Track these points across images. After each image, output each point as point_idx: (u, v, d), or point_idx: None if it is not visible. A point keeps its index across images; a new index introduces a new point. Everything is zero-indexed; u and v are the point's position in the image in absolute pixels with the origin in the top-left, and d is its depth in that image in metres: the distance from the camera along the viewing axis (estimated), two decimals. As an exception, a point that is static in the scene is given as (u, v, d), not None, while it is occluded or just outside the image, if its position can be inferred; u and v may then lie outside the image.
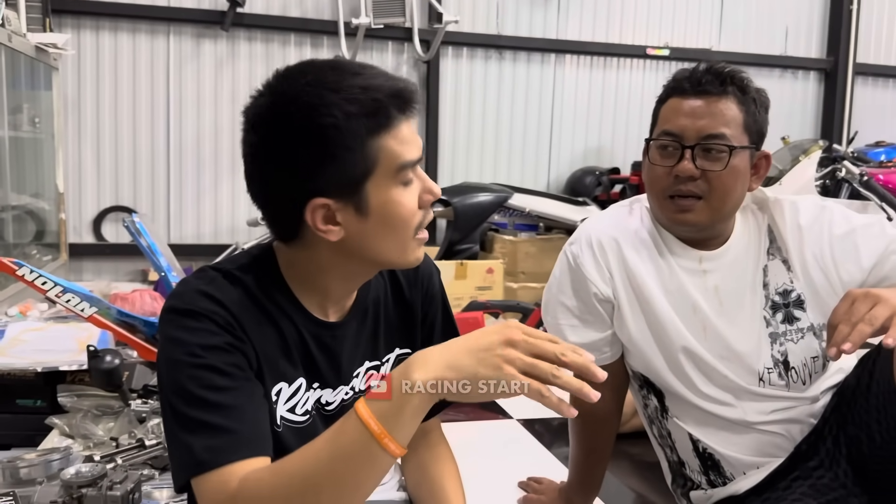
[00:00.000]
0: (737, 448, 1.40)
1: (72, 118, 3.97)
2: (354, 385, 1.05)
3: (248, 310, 0.92)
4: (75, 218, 4.03)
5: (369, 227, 0.93)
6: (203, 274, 0.95)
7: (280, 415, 0.95)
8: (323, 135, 0.87)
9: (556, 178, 4.76)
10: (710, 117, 1.29)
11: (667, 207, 1.35)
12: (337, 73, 0.89)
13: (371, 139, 0.88)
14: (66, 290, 2.08)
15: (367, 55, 4.36)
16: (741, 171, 1.32)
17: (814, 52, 5.24)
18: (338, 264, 0.97)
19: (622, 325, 1.41)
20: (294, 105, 0.88)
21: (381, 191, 0.91)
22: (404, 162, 0.91)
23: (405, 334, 1.11)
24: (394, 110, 0.89)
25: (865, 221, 1.37)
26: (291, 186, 0.90)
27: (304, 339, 0.98)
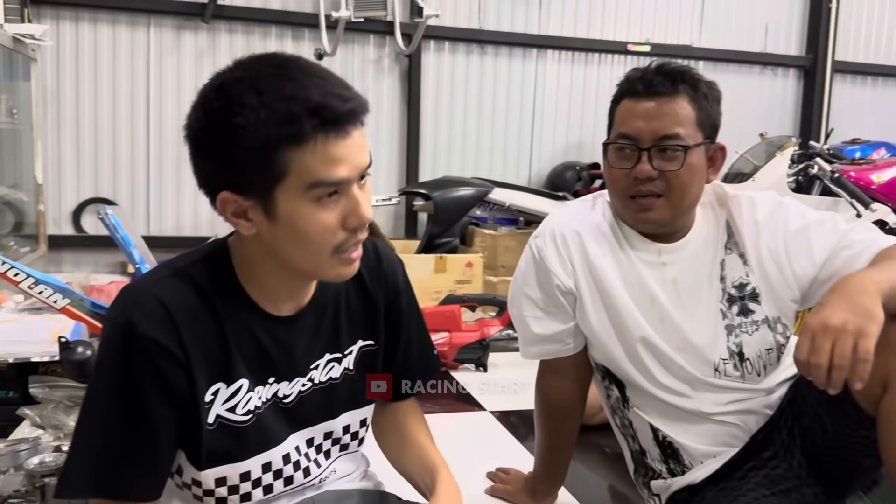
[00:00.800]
0: (694, 438, 1.43)
1: (51, 109, 3.95)
2: (313, 377, 1.06)
3: (192, 312, 0.94)
4: (54, 209, 4.01)
5: (278, 232, 0.92)
6: (154, 273, 0.97)
7: (217, 413, 0.97)
8: (230, 133, 0.87)
9: (537, 173, 4.78)
10: (663, 118, 1.32)
11: (629, 207, 1.39)
12: (274, 74, 0.88)
13: (280, 149, 0.87)
14: (38, 282, 2.08)
15: (348, 49, 4.36)
16: (698, 168, 1.35)
17: (793, 50, 5.28)
18: (268, 262, 0.97)
19: (584, 316, 1.45)
20: (216, 94, 0.89)
21: (289, 201, 0.90)
22: (318, 180, 0.88)
23: (368, 327, 1.12)
24: (308, 126, 0.86)
25: (819, 217, 1.40)
26: (205, 175, 0.93)
27: (255, 336, 0.99)
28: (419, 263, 3.44)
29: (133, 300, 0.92)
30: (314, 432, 1.08)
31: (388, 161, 4.51)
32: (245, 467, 1.00)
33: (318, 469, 1.10)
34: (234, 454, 0.99)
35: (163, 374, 0.91)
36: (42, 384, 1.95)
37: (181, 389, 0.93)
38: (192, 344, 0.93)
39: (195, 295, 0.95)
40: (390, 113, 4.50)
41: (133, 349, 0.90)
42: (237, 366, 0.97)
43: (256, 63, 0.91)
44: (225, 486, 1.00)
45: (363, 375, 1.13)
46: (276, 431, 1.03)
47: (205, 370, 0.95)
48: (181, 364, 0.92)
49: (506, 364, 2.92)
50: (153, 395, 0.91)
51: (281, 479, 1.05)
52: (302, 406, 1.05)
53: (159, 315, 0.91)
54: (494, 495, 1.77)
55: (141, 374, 0.90)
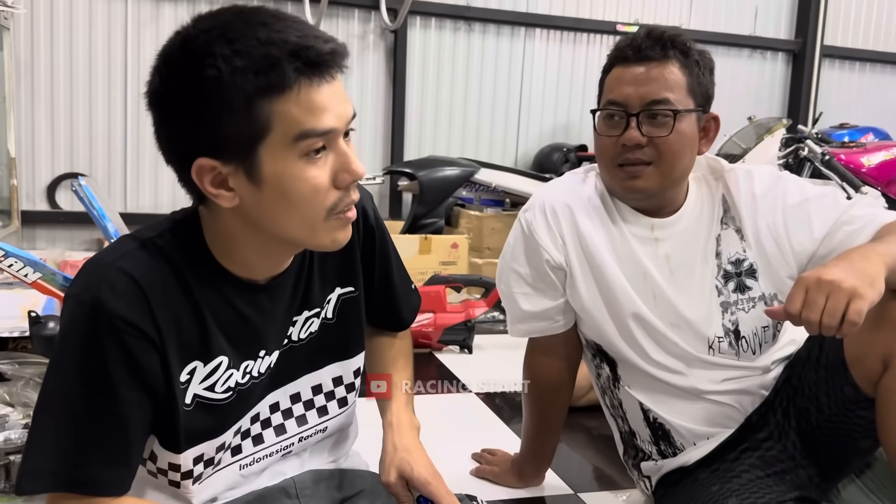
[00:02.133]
0: (687, 418, 1.40)
1: (24, 80, 3.84)
2: (292, 334, 1.01)
3: (165, 287, 0.86)
4: (28, 184, 3.91)
5: (265, 199, 0.84)
6: (119, 245, 0.88)
7: (194, 393, 0.90)
8: (202, 88, 0.78)
9: (523, 154, 4.74)
10: (653, 83, 1.28)
11: (616, 176, 1.34)
12: (242, 21, 0.80)
13: (260, 100, 0.79)
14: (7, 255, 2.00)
15: (332, 23, 4.27)
16: (688, 135, 1.30)
17: (782, 34, 5.26)
18: (249, 235, 0.89)
19: (574, 291, 1.40)
20: (181, 50, 0.80)
21: (276, 160, 0.82)
22: (305, 130, 0.81)
23: (345, 273, 1.07)
24: (291, 70, 0.79)
25: (819, 192, 1.36)
26: (176, 142, 0.83)
27: (237, 309, 0.92)
28: (404, 244, 3.38)
29: (100, 275, 0.83)
30: (298, 387, 1.04)
31: (372, 139, 4.44)
32: (222, 439, 0.95)
33: (300, 426, 1.05)
34: (214, 430, 0.94)
35: (133, 355, 0.83)
36: (11, 360, 1.89)
37: (153, 371, 0.86)
38: (165, 321, 0.86)
39: (167, 268, 0.87)
40: (375, 90, 4.43)
41: (101, 328, 0.82)
42: (216, 342, 0.91)
43: (219, 14, 0.82)
44: (202, 462, 0.95)
45: (347, 324, 1.07)
46: (254, 397, 0.98)
47: (178, 349, 0.88)
48: (154, 343, 0.85)
49: (491, 346, 2.88)
50: (123, 378, 0.83)
51: (249, 438, 1.00)
52: (280, 365, 1.00)
53: (129, 291, 0.83)
54: (480, 477, 1.74)
55: (109, 356, 0.82)
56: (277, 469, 1.06)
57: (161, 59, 0.82)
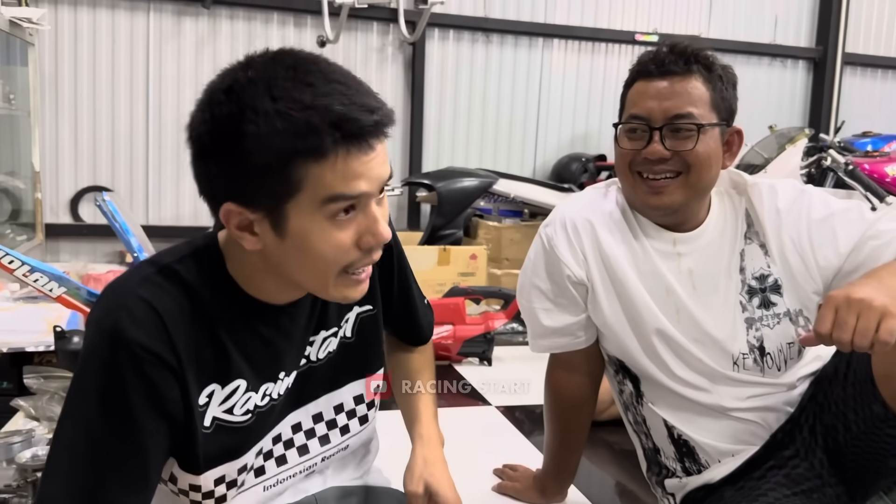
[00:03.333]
0: (712, 435, 1.38)
1: (49, 95, 3.89)
2: (309, 354, 1.01)
3: (183, 313, 0.86)
4: (52, 197, 3.96)
5: (286, 249, 0.85)
6: (139, 271, 0.89)
7: (213, 416, 0.91)
8: (240, 141, 0.78)
9: (542, 165, 4.73)
10: (676, 97, 1.28)
11: (639, 188, 1.33)
12: (291, 78, 0.79)
13: (295, 163, 0.79)
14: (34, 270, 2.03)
15: (351, 36, 4.29)
16: (713, 149, 1.30)
17: (803, 41, 5.21)
18: (270, 273, 0.90)
19: (596, 307, 1.40)
20: (226, 96, 0.80)
21: (302, 218, 0.82)
22: (335, 194, 0.81)
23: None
24: (329, 142, 0.78)
25: (844, 206, 1.35)
26: (209, 181, 0.84)
27: (256, 331, 0.93)
28: (422, 255, 3.38)
29: (119, 302, 0.84)
30: (319, 406, 1.04)
31: (391, 151, 4.38)
32: (243, 461, 0.96)
33: (323, 446, 1.05)
34: (234, 452, 0.94)
35: (152, 382, 0.84)
36: (37, 374, 1.91)
37: (172, 398, 0.86)
38: (184, 347, 0.86)
39: (185, 293, 0.87)
40: (393, 102, 4.43)
41: (120, 356, 0.82)
42: (234, 366, 0.91)
43: (272, 63, 0.81)
44: (223, 484, 0.95)
45: (366, 342, 1.08)
46: (273, 419, 0.99)
47: (197, 373, 0.88)
48: (172, 370, 0.85)
49: (511, 358, 2.87)
50: (142, 405, 0.83)
51: (272, 459, 1.00)
52: (299, 385, 1.01)
53: (148, 318, 0.83)
54: (502, 493, 1.73)
55: (129, 384, 0.82)
56: (300, 486, 1.06)
57: (207, 99, 0.82)
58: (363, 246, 0.86)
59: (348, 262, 0.86)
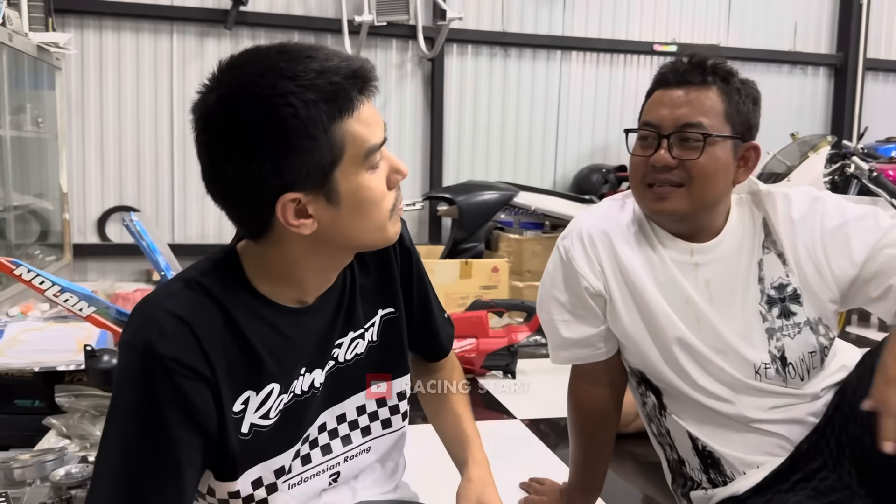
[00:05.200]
0: (736, 447, 1.37)
1: (75, 118, 3.97)
2: (337, 355, 1.04)
3: (212, 323, 0.88)
4: (79, 218, 4.03)
5: (342, 216, 0.90)
6: (164, 287, 0.91)
7: (251, 422, 0.93)
8: (283, 126, 0.82)
9: (562, 176, 4.73)
10: (687, 106, 1.28)
11: (645, 196, 1.34)
12: (288, 58, 0.84)
13: (334, 125, 0.84)
14: (64, 290, 2.07)
15: (370, 53, 4.33)
16: (721, 161, 1.29)
17: (823, 48, 5.18)
18: (313, 255, 0.94)
19: (616, 319, 1.40)
20: (244, 97, 0.82)
21: (349, 178, 0.88)
22: (371, 146, 0.88)
23: (386, 294, 1.10)
24: (354, 92, 0.85)
25: (859, 213, 1.33)
26: (256, 184, 0.85)
27: (281, 331, 0.95)
28: (444, 269, 3.40)
29: (148, 319, 0.86)
30: (344, 408, 1.07)
31: (411, 166, 4.48)
32: (280, 461, 0.98)
33: (345, 446, 1.07)
34: (269, 452, 0.96)
35: (186, 395, 0.85)
36: (68, 393, 1.94)
37: (207, 410, 0.88)
38: (216, 356, 0.88)
39: (211, 303, 0.89)
40: (413, 117, 4.48)
41: (154, 371, 0.84)
42: (266, 370, 0.94)
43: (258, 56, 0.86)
44: (262, 487, 0.97)
45: (390, 345, 1.11)
46: (307, 419, 1.01)
47: (230, 382, 0.90)
48: (206, 380, 0.87)
49: (534, 370, 2.87)
50: (177, 419, 0.85)
51: (298, 458, 1.02)
52: (329, 386, 1.03)
53: (178, 331, 0.85)
54: (528, 507, 1.72)
55: (163, 399, 0.84)
56: (328, 500, 1.07)
57: (206, 115, 0.85)
58: (392, 185, 0.93)
59: (391, 203, 0.93)
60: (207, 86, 0.86)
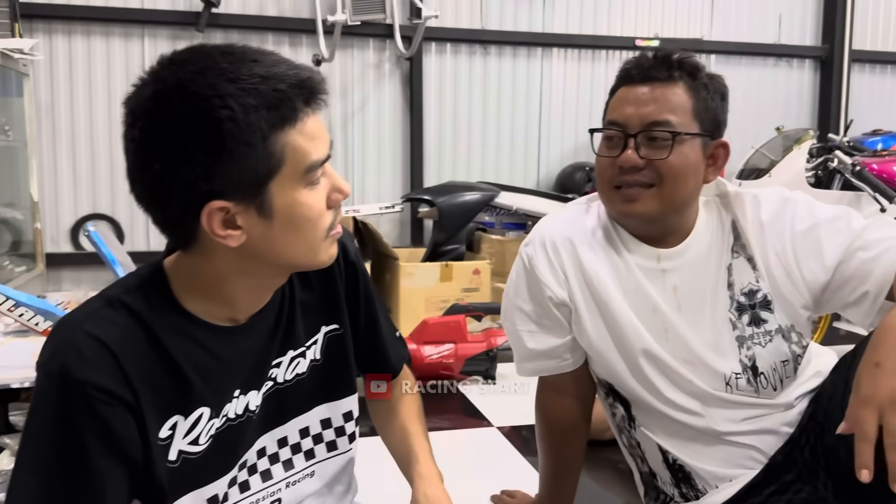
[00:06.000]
0: (707, 460, 1.32)
1: (45, 125, 3.89)
2: (276, 376, 0.99)
3: (135, 345, 0.83)
4: (52, 227, 3.95)
5: (274, 231, 0.85)
6: (85, 306, 0.86)
7: (179, 449, 0.88)
8: (218, 129, 0.77)
9: (545, 175, 4.67)
10: (653, 104, 1.22)
11: (614, 199, 1.28)
12: (232, 59, 0.80)
13: (274, 135, 0.80)
14: (18, 304, 2.01)
15: (347, 54, 4.26)
16: (691, 160, 1.23)
17: (808, 40, 5.12)
18: (242, 271, 0.88)
19: (581, 329, 1.34)
20: (179, 94, 0.78)
21: (286, 192, 0.83)
22: (313, 161, 0.84)
23: (329, 310, 1.06)
24: (299, 102, 0.81)
25: (831, 215, 1.27)
26: (183, 188, 0.80)
27: (212, 352, 0.90)
28: (424, 272, 3.33)
29: (65, 341, 0.81)
30: (285, 431, 1.02)
31: (391, 167, 4.41)
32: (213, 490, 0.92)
33: (287, 471, 1.02)
34: (201, 481, 0.91)
35: (107, 423, 0.80)
36: (23, 412, 1.87)
37: (129, 436, 0.82)
38: (139, 379, 0.83)
39: (135, 324, 0.84)
40: (392, 118, 4.41)
41: (72, 399, 0.79)
42: (195, 393, 0.88)
43: (201, 56, 0.81)
44: None
45: (335, 364, 1.06)
46: (243, 443, 0.96)
47: (156, 407, 0.85)
48: (128, 406, 0.82)
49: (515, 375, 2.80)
50: (98, 448, 0.80)
51: (236, 485, 0.96)
52: (267, 408, 0.98)
53: (98, 354, 0.80)
54: (498, 521, 1.66)
55: (82, 427, 0.79)
56: None
57: (138, 110, 0.80)
58: (332, 204, 0.89)
59: (328, 223, 0.89)
60: (143, 79, 0.81)
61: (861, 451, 0.96)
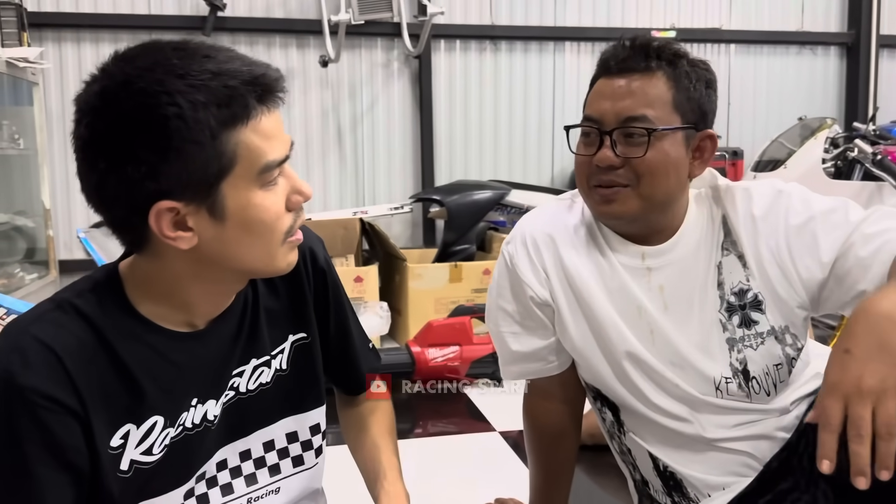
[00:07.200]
0: (698, 467, 1.24)
1: (57, 132, 3.91)
2: (237, 385, 0.95)
3: (84, 350, 0.81)
4: (65, 233, 3.98)
5: (227, 234, 0.82)
6: (34, 309, 0.83)
7: (131, 458, 0.84)
8: (164, 126, 0.75)
9: (560, 172, 4.58)
10: (630, 98, 1.14)
11: (592, 198, 1.21)
12: (183, 55, 0.78)
13: (225, 133, 0.77)
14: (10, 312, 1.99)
15: (355, 53, 4.23)
16: (672, 156, 1.15)
17: (833, 26, 4.97)
18: (197, 275, 0.85)
19: (563, 330, 1.28)
20: (126, 91, 0.76)
21: (239, 193, 0.80)
22: (269, 161, 0.81)
23: (297, 318, 1.02)
24: (252, 100, 0.78)
25: (827, 207, 1.18)
26: (129, 188, 0.78)
27: (167, 358, 0.87)
28: (433, 273, 3.27)
29: (10, 344, 0.79)
30: (249, 443, 0.98)
31: (402, 167, 4.37)
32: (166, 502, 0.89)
33: (249, 486, 0.98)
34: (156, 491, 0.88)
35: (50, 431, 0.78)
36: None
37: (75, 446, 0.80)
38: (87, 387, 0.80)
39: (85, 329, 0.81)
40: (402, 117, 4.37)
41: (13, 405, 0.76)
42: (148, 401, 0.85)
43: (151, 51, 0.79)
44: None
45: (302, 374, 1.02)
46: (199, 455, 0.92)
47: (107, 415, 0.82)
48: (74, 414, 0.79)
49: (522, 377, 2.75)
50: (40, 457, 0.78)
51: (193, 497, 0.93)
52: (228, 419, 0.94)
53: (43, 359, 0.78)
54: (489, 531, 1.60)
55: (24, 435, 0.77)
56: None
57: (85, 107, 0.78)
58: (292, 207, 0.86)
59: (286, 227, 0.86)
60: (93, 76, 0.79)
61: (823, 441, 0.89)
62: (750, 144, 4.63)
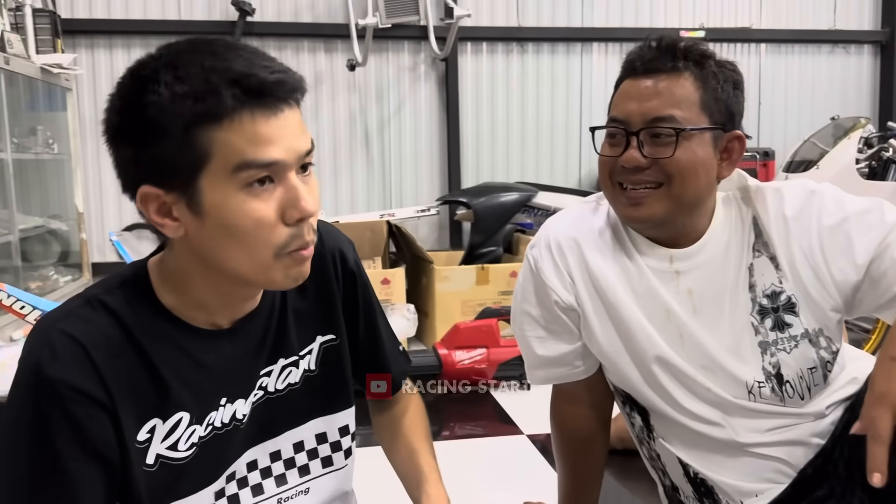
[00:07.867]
0: (730, 473, 1.22)
1: (90, 137, 3.98)
2: (266, 385, 0.96)
3: (112, 344, 0.82)
4: (98, 236, 4.05)
5: (207, 231, 0.81)
6: (64, 305, 0.85)
7: (157, 453, 0.85)
8: (143, 113, 0.77)
9: (588, 173, 4.55)
10: (657, 98, 1.13)
11: (618, 201, 1.19)
12: (194, 50, 0.80)
13: (198, 127, 0.77)
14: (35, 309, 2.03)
15: (382, 57, 4.25)
16: (700, 157, 1.14)
17: (867, 24, 4.88)
18: (201, 271, 0.86)
19: (590, 335, 1.26)
20: (131, 77, 0.80)
21: (215, 191, 0.79)
22: (245, 160, 0.78)
23: (326, 319, 1.02)
24: (229, 98, 0.77)
25: (861, 208, 1.16)
26: (124, 168, 0.82)
27: (194, 358, 0.88)
28: (460, 276, 3.27)
29: (41, 339, 0.80)
30: (278, 444, 0.99)
31: (429, 170, 4.37)
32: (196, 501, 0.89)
33: (279, 487, 0.99)
34: (183, 490, 0.89)
35: (80, 424, 0.79)
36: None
37: (104, 439, 0.81)
38: (115, 382, 0.81)
39: (113, 325, 0.83)
40: (429, 119, 4.37)
41: (44, 398, 0.78)
42: (174, 397, 0.86)
43: (178, 43, 0.82)
44: None
45: (331, 376, 1.02)
46: (228, 454, 0.93)
47: (134, 409, 0.83)
48: (104, 407, 0.80)
49: (550, 380, 2.73)
50: (71, 451, 0.79)
51: (224, 498, 0.94)
52: (257, 419, 0.95)
53: (73, 353, 0.79)
54: (518, 535, 1.60)
55: (55, 428, 0.78)
56: None
57: (116, 87, 0.82)
58: (288, 221, 0.82)
59: (280, 241, 0.82)
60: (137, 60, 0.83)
61: (873, 453, 0.87)
62: (781, 145, 4.57)
